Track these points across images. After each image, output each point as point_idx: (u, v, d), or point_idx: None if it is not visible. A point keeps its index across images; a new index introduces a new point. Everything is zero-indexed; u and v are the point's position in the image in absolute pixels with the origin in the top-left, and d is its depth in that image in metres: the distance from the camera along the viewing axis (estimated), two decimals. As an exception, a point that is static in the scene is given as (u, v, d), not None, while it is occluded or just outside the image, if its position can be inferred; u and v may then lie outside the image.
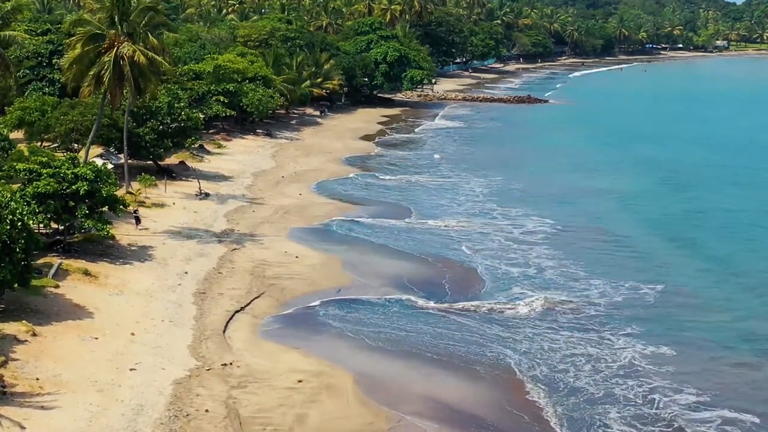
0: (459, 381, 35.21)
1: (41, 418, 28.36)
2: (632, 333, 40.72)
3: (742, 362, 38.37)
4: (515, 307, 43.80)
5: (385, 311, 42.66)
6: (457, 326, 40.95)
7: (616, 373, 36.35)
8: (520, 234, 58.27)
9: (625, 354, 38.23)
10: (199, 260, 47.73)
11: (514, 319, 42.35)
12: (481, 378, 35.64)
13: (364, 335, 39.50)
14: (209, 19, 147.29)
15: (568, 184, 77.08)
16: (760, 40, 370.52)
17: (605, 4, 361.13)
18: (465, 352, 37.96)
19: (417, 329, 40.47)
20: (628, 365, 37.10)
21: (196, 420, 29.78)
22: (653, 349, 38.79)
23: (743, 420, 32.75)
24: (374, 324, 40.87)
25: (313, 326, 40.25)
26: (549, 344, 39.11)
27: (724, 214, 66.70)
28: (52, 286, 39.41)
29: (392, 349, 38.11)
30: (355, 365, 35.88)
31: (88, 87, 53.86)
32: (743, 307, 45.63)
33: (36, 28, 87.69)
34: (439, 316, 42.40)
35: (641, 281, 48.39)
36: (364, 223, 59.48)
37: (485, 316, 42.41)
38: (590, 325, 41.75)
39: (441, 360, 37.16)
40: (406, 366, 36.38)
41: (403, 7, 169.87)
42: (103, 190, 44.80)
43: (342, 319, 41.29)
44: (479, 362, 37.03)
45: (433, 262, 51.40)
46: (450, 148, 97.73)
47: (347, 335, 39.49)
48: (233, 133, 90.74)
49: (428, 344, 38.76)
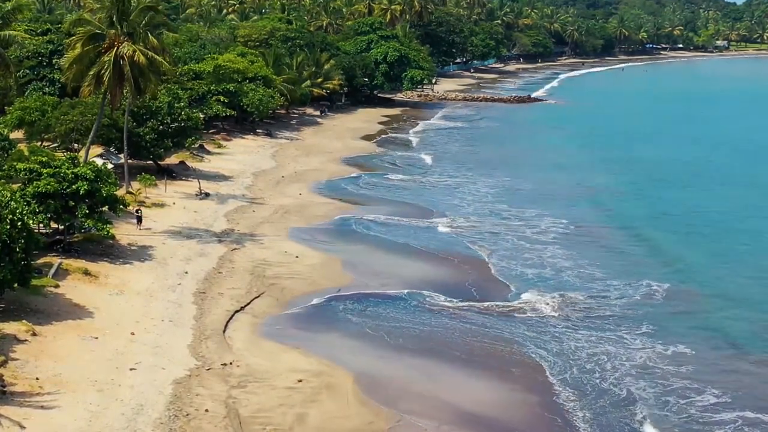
0: (460, 380, 35.21)
1: (41, 418, 28.36)
2: (647, 332, 40.74)
3: (760, 360, 38.46)
4: (520, 306, 43.94)
5: (385, 309, 42.67)
6: (459, 326, 40.96)
7: (628, 372, 36.34)
8: (533, 234, 58.40)
9: (640, 354, 38.24)
10: (199, 260, 47.73)
11: (514, 316, 42.42)
12: (481, 378, 35.66)
13: (365, 334, 39.52)
14: (209, 19, 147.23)
15: (570, 182, 77.26)
16: (761, 40, 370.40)
17: (605, 4, 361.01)
18: (466, 353, 37.98)
19: (420, 327, 40.51)
20: (642, 365, 37.06)
21: (196, 420, 29.77)
22: (673, 348, 38.79)
23: (765, 420, 32.72)
24: (375, 323, 40.86)
25: (313, 326, 40.21)
26: (558, 345, 39.17)
27: (734, 213, 66.76)
28: (52, 285, 39.41)
29: (392, 348, 38.10)
30: (355, 364, 35.84)
31: (88, 87, 53.88)
32: (758, 304, 45.80)
33: (36, 27, 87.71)
34: (445, 314, 42.42)
35: (653, 279, 48.53)
36: (365, 222, 59.48)
37: (501, 315, 42.53)
38: (607, 324, 41.80)
39: (443, 359, 37.16)
40: (406, 365, 36.36)
41: (404, 7, 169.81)
42: (103, 190, 44.81)
43: (343, 319, 41.29)
44: (485, 361, 37.10)
45: (443, 258, 51.70)
46: (452, 147, 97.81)
47: (348, 334, 39.48)
48: (233, 133, 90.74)
49: (431, 343, 38.77)
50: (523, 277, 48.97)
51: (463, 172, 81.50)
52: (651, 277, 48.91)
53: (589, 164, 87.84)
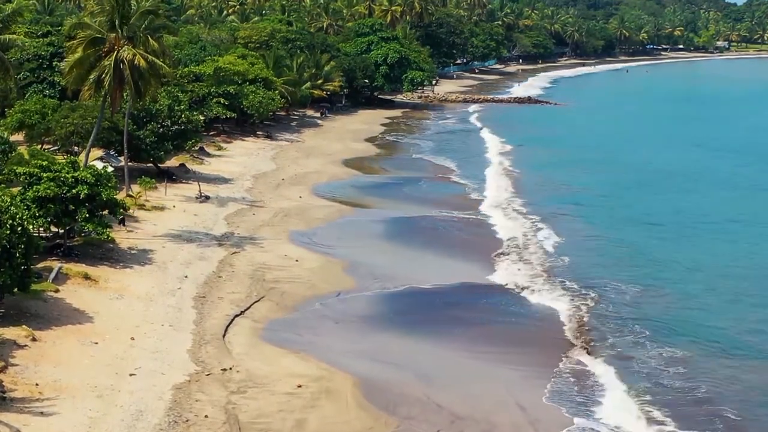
0: (461, 384, 35.20)
1: (40, 424, 28.33)
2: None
3: (752, 364, 38.48)
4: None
5: (386, 313, 42.66)
6: (461, 324, 40.99)
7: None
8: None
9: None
10: (199, 264, 47.70)
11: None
12: (482, 378, 35.68)
13: (364, 338, 39.46)
14: (210, 20, 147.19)
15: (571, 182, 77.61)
16: (761, 41, 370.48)
17: (606, 4, 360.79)
18: (471, 351, 38.04)
19: (421, 328, 40.53)
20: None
21: (196, 425, 29.74)
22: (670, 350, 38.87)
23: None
24: (375, 326, 40.84)
25: (313, 330, 40.15)
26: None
27: (732, 216, 66.68)
28: (52, 290, 39.40)
29: (393, 352, 38.06)
30: (354, 369, 35.79)
31: (88, 90, 53.92)
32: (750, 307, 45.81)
33: (36, 30, 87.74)
34: (445, 316, 42.43)
35: (644, 282, 48.58)
36: (366, 224, 59.49)
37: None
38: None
39: (444, 360, 37.18)
40: (407, 369, 36.30)
41: (404, 9, 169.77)
42: (103, 194, 44.83)
43: (342, 323, 41.21)
44: (485, 361, 37.11)
45: (441, 259, 51.89)
46: (454, 146, 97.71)
47: (347, 338, 39.42)
48: (233, 135, 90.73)
49: (431, 344, 38.74)
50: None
51: (466, 173, 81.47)
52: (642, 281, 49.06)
53: (593, 164, 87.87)
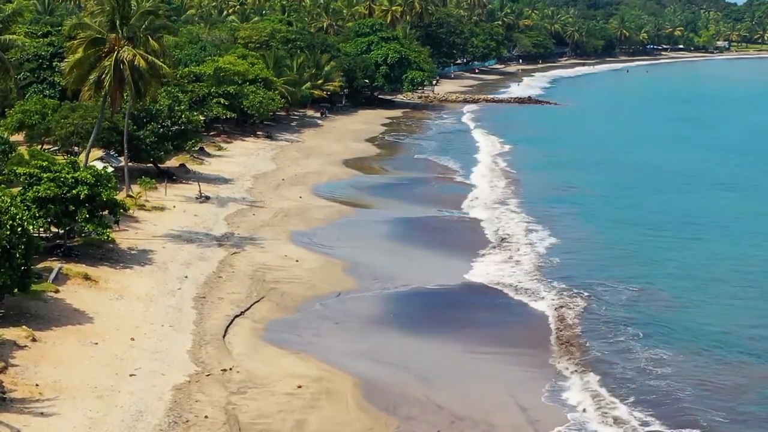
0: (461, 384, 35.23)
1: (40, 424, 28.35)
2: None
3: (741, 362, 38.46)
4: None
5: (386, 313, 42.66)
6: (463, 323, 40.99)
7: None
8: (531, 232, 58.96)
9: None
10: (199, 264, 47.70)
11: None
12: (481, 380, 35.70)
13: (365, 339, 39.47)
14: (210, 20, 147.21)
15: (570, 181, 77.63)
16: (761, 41, 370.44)
17: (606, 4, 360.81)
18: (468, 352, 38.03)
19: (421, 328, 40.54)
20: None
21: (196, 426, 29.76)
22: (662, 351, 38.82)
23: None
24: (374, 326, 40.86)
25: (313, 330, 40.17)
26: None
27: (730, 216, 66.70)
28: (52, 290, 39.42)
29: (393, 352, 38.07)
30: (354, 370, 35.82)
31: (88, 91, 53.92)
32: (743, 308, 45.76)
33: (36, 30, 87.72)
34: (446, 316, 42.44)
35: (643, 282, 48.58)
36: (366, 224, 59.52)
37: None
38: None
39: (444, 361, 37.18)
40: (407, 370, 36.32)
41: (404, 9, 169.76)
42: (103, 194, 44.84)
43: (342, 323, 41.20)
44: (485, 362, 37.12)
45: (442, 259, 51.93)
46: (455, 147, 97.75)
47: (347, 339, 39.43)
48: (234, 135, 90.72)
49: (431, 344, 38.77)
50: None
51: (465, 173, 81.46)
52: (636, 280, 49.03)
53: (593, 165, 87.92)
